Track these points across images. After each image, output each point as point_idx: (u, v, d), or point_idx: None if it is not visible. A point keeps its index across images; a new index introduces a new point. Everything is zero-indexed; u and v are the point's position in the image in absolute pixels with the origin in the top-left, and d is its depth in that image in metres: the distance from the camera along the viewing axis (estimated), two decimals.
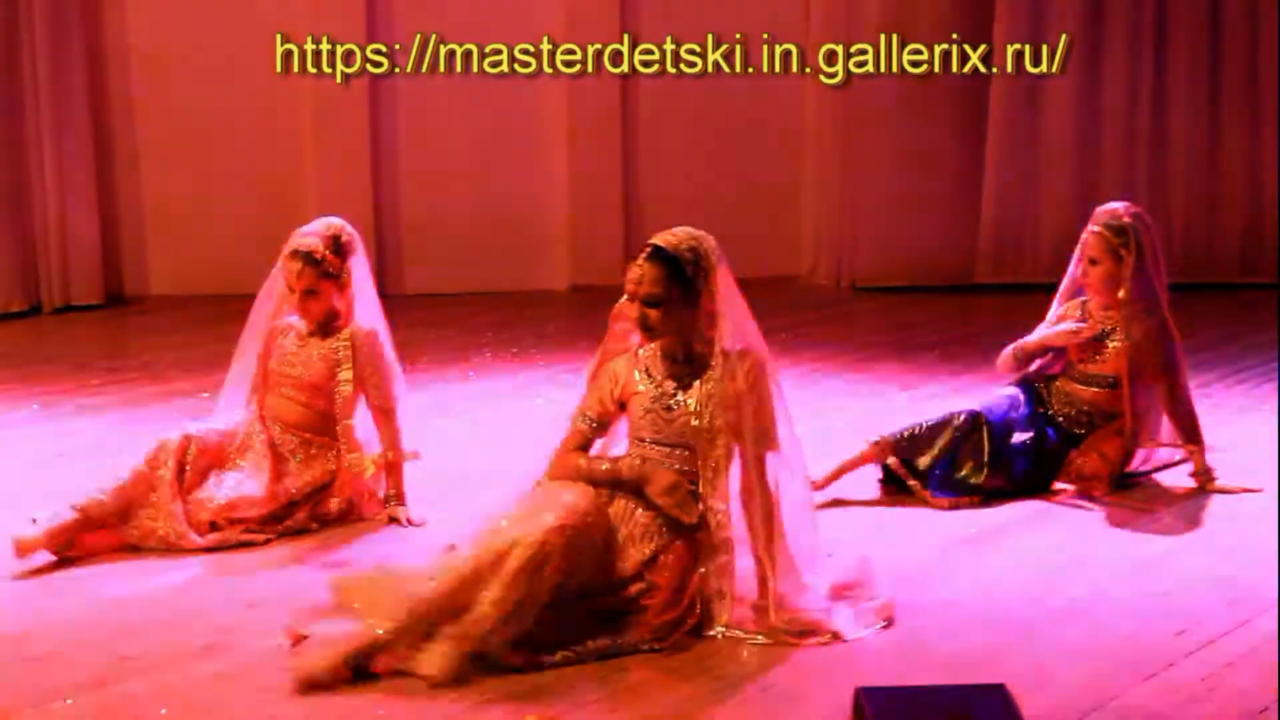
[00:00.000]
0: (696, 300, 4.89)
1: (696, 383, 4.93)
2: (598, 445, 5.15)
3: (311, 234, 5.94)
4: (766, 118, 11.28)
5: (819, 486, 5.97)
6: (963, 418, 6.18)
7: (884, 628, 4.88)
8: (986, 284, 10.83)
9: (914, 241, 11.07)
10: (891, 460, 6.17)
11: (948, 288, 10.95)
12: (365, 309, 6.05)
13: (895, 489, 6.19)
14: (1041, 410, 6.33)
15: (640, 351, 5.05)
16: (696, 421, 4.89)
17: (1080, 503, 6.13)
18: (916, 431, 6.19)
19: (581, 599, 4.67)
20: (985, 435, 6.13)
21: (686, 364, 4.97)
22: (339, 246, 5.94)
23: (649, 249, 4.89)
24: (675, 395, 4.94)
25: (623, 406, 5.06)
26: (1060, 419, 6.34)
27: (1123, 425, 6.25)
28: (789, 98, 11.23)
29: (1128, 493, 6.27)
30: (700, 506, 4.87)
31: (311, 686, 4.34)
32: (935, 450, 6.15)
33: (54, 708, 4.35)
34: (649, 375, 4.99)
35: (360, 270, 6.05)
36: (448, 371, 8.64)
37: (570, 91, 10.93)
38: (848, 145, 11.08)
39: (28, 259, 10.26)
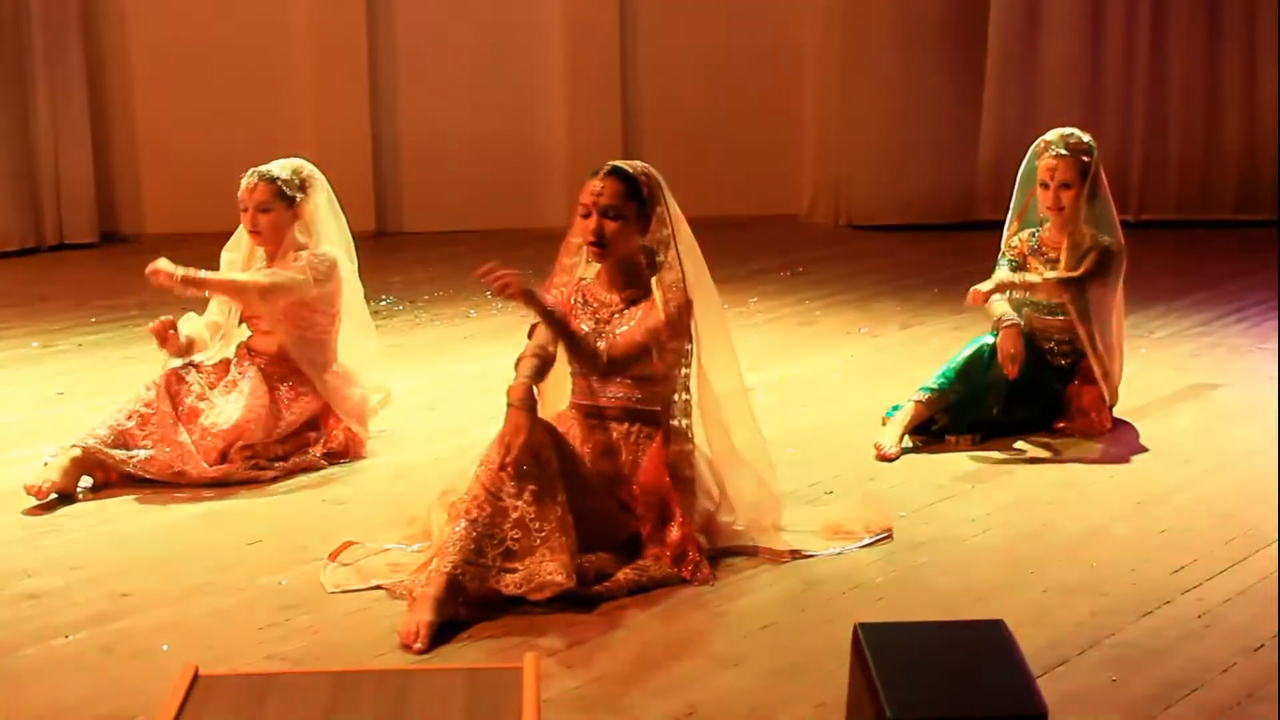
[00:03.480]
0: (647, 225, 4.91)
1: (635, 309, 4.94)
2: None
3: (275, 161, 6.03)
4: (766, 57, 11.24)
5: (893, 457, 5.94)
6: (985, 354, 6.14)
7: (875, 542, 5.00)
8: (985, 221, 10.82)
9: (913, 180, 11.06)
10: (938, 418, 6.13)
11: (946, 226, 10.94)
12: (334, 244, 6.05)
13: (926, 439, 6.14)
14: (1032, 348, 6.29)
15: (581, 281, 5.05)
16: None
17: (1080, 439, 6.13)
18: (945, 379, 6.14)
19: (598, 523, 4.73)
20: (1002, 370, 6.12)
21: (629, 288, 4.97)
22: (298, 178, 5.98)
23: (607, 168, 4.91)
24: (610, 322, 4.95)
25: None
26: (1046, 354, 6.32)
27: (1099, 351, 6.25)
28: (789, 38, 11.20)
29: (1128, 428, 6.28)
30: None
31: (418, 644, 4.32)
32: (962, 389, 6.12)
33: (55, 644, 4.36)
34: (586, 303, 5.00)
35: (325, 208, 6.05)
36: (447, 310, 8.64)
37: (569, 29, 10.90)
38: (847, 84, 11.05)
39: (24, 198, 10.24)
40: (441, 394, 6.87)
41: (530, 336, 4.91)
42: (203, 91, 10.73)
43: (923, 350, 7.49)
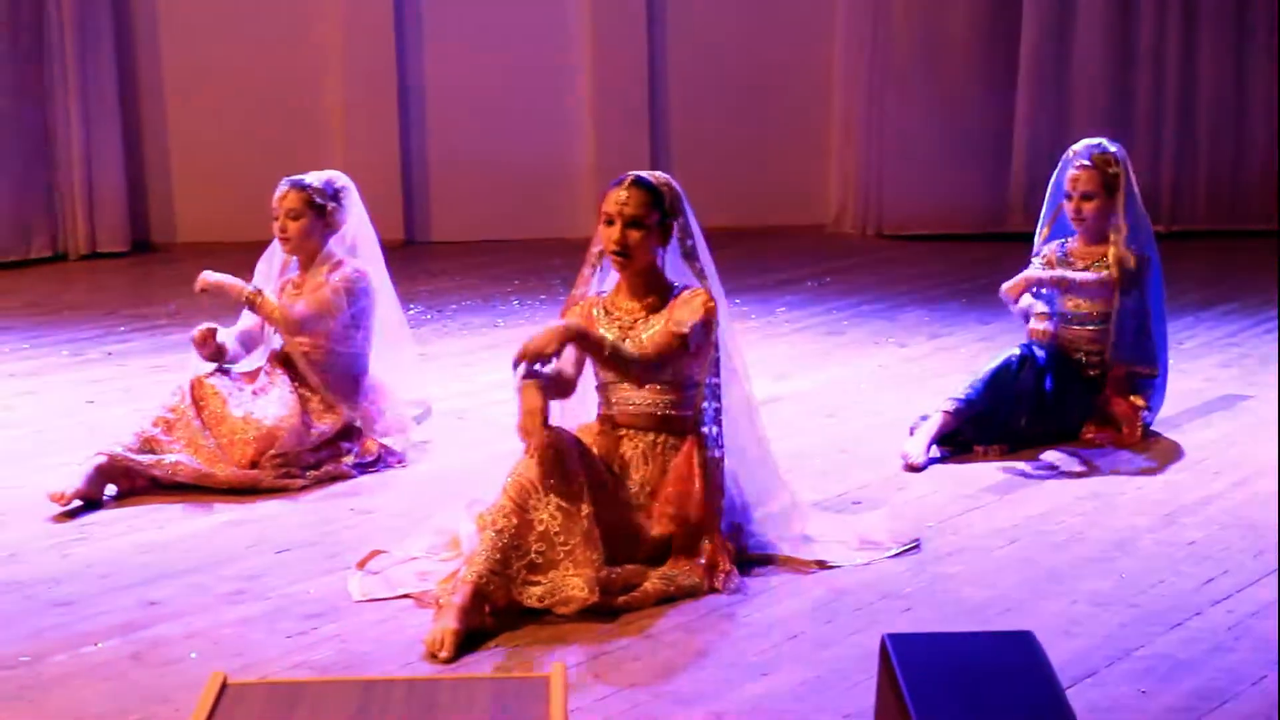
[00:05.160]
0: (668, 235, 4.96)
1: (658, 315, 4.97)
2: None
3: (311, 172, 6.10)
4: (794, 66, 11.23)
5: (920, 467, 5.91)
6: (1013, 364, 6.14)
7: (902, 553, 5.01)
8: (1016, 232, 10.79)
9: (942, 190, 11.03)
10: (964, 429, 6.11)
11: (974, 236, 10.91)
12: (365, 257, 6.10)
13: (954, 450, 6.14)
14: (1061, 358, 6.30)
15: (601, 294, 5.10)
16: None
17: (1110, 450, 6.11)
18: (974, 390, 6.13)
19: (625, 534, 4.73)
20: (1031, 380, 6.12)
21: (649, 296, 5.00)
22: (331, 188, 6.03)
23: (630, 178, 4.95)
24: (634, 328, 4.97)
25: None
26: (1076, 365, 6.31)
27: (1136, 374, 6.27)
28: (818, 45, 11.19)
29: (1157, 439, 6.26)
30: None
31: (444, 652, 4.32)
32: (990, 400, 6.11)
33: (84, 652, 4.38)
34: (607, 314, 5.03)
35: (357, 219, 6.10)
36: (475, 320, 8.64)
37: (596, 39, 10.91)
38: (876, 93, 11.03)
39: (54, 206, 10.28)
40: (469, 403, 6.87)
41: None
42: (234, 103, 10.75)
43: (951, 360, 7.47)
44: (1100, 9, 10.89)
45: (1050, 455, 6.01)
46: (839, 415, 6.69)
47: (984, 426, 6.10)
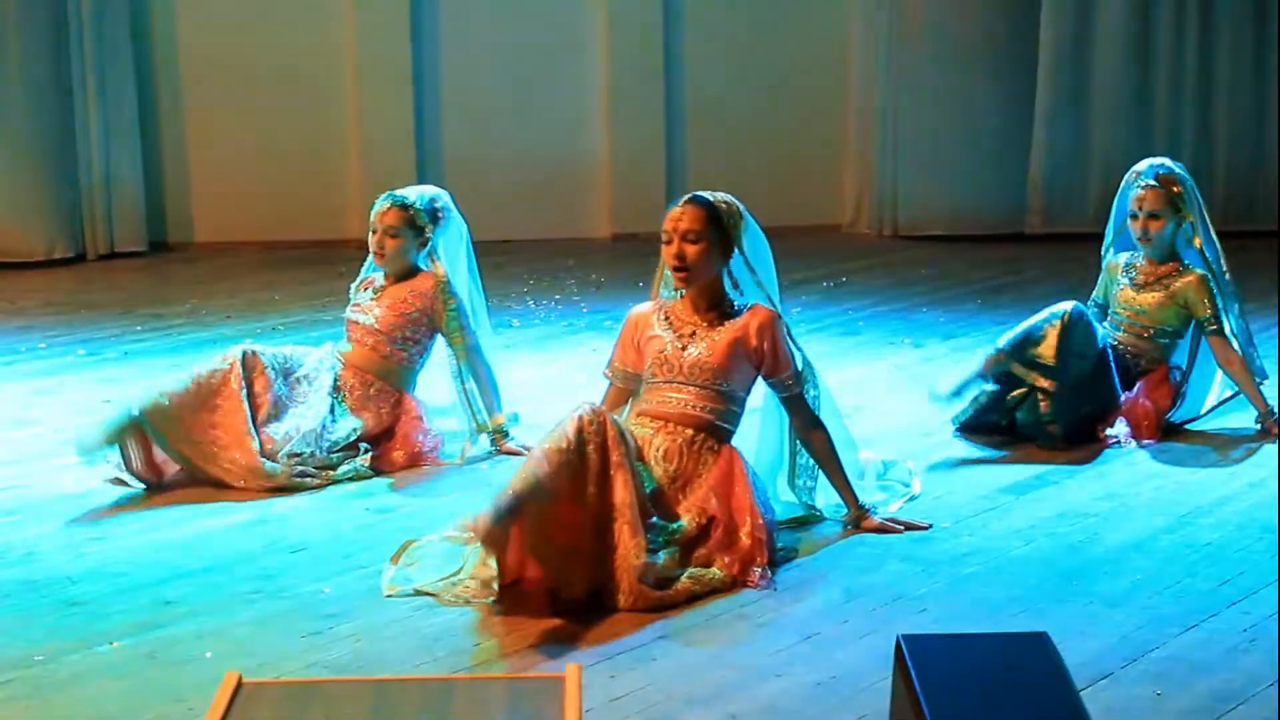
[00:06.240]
0: (729, 251, 5.07)
1: (719, 329, 5.08)
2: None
3: (411, 188, 6.25)
4: (810, 67, 11.23)
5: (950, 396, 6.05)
6: (1066, 313, 6.14)
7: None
8: (1030, 234, 10.78)
9: (958, 191, 11.02)
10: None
11: (991, 237, 10.90)
12: (459, 273, 6.26)
13: (975, 435, 6.20)
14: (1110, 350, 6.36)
15: (663, 301, 5.20)
16: (710, 360, 5.03)
17: (1126, 450, 6.11)
18: (1019, 335, 6.14)
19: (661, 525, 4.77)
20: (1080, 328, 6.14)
21: (711, 311, 5.11)
22: (431, 208, 6.17)
23: (689, 196, 5.10)
24: (693, 336, 5.06)
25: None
26: (1122, 345, 6.38)
27: (1169, 370, 6.31)
28: (833, 47, 11.19)
29: (1172, 441, 6.25)
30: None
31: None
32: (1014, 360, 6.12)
33: (99, 651, 4.38)
34: (668, 322, 5.12)
35: (452, 238, 6.26)
36: (490, 319, 8.62)
37: (612, 39, 10.92)
38: (892, 94, 11.03)
39: (72, 206, 10.31)
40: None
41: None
42: (251, 104, 10.78)
43: (964, 359, 7.45)
44: (1119, 10, 10.87)
45: (1065, 457, 6.03)
46: (854, 416, 6.67)
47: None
